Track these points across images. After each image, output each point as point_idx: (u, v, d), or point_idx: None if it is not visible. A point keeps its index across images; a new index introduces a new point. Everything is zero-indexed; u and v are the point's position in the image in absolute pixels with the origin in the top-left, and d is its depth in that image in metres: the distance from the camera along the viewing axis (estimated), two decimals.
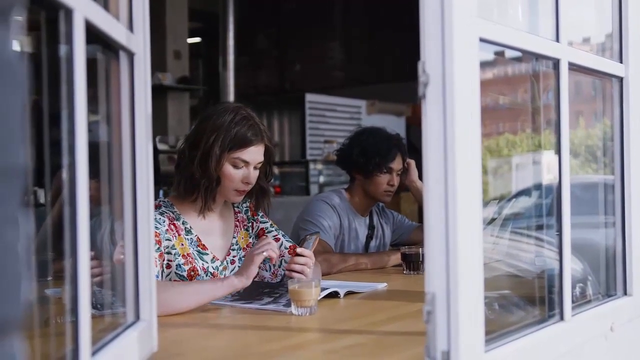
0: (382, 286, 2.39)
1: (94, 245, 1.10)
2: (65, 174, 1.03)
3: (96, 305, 1.37)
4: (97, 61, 1.31)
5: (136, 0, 1.38)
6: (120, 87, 1.37)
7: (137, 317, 1.39)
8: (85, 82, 1.05)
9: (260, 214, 2.49)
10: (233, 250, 2.37)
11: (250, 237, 2.43)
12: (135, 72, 1.38)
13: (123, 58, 1.36)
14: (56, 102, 1.05)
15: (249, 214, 2.46)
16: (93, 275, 1.50)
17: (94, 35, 1.13)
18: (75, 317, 1.03)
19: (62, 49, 1.03)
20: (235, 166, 2.23)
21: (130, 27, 1.37)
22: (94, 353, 1.10)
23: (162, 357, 1.46)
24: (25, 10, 0.66)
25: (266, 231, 2.46)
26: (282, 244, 2.40)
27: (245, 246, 2.40)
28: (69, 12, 1.01)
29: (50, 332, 1.29)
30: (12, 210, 0.60)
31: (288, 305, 1.92)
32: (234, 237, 2.39)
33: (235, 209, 2.45)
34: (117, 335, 1.27)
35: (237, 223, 2.42)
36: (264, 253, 2.05)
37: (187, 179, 2.23)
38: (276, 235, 2.44)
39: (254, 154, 2.25)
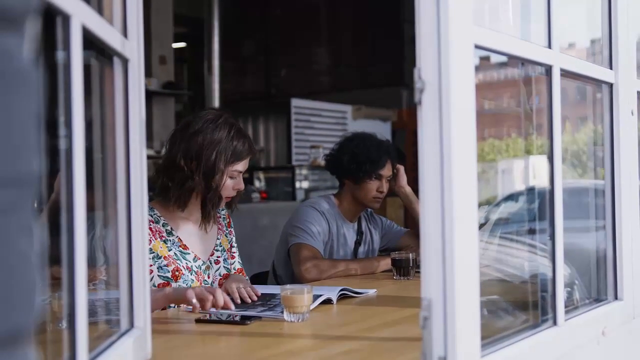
0: (372, 292, 2.39)
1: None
2: (62, 180, 1.02)
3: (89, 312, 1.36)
4: (90, 67, 1.31)
5: (130, 6, 1.38)
6: (114, 93, 1.36)
7: (132, 324, 1.38)
8: (83, 88, 1.04)
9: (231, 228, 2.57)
10: (217, 250, 2.44)
11: (228, 243, 2.51)
12: (130, 78, 1.37)
13: (117, 64, 1.35)
14: (52, 107, 1.04)
15: (226, 222, 2.54)
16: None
17: (88, 41, 1.12)
18: (72, 324, 1.02)
19: (59, 55, 1.02)
20: (231, 177, 2.32)
21: (125, 33, 1.36)
22: None
23: None
24: (39, 17, 0.66)
25: (232, 245, 2.55)
26: (218, 269, 2.46)
27: (226, 249, 2.49)
28: (66, 18, 1.00)
29: (44, 339, 1.28)
30: (26, 218, 0.59)
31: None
32: (218, 239, 2.46)
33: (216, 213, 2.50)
34: (112, 342, 1.26)
35: (220, 226, 2.50)
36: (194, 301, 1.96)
37: (187, 192, 2.28)
38: (234, 253, 2.54)
39: (247, 163, 2.37)
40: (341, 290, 2.23)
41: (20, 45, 0.60)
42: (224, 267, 2.44)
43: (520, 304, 1.77)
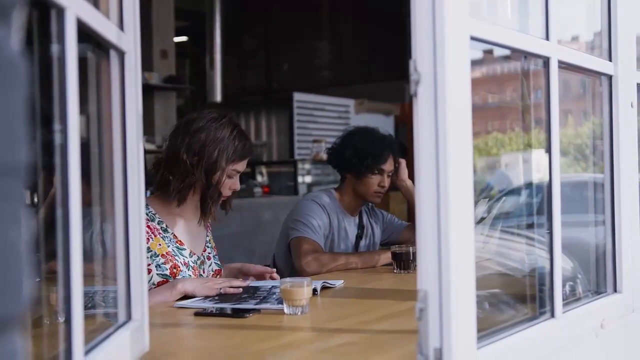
0: (339, 283, 2.40)
1: (83, 245, 1.10)
2: (56, 175, 1.03)
3: (86, 305, 1.36)
4: (87, 60, 1.31)
5: None
6: (111, 87, 1.36)
7: (129, 316, 1.38)
8: (77, 81, 1.04)
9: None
10: (208, 247, 2.48)
11: (213, 241, 2.56)
12: (126, 71, 1.37)
13: (114, 57, 1.35)
14: (47, 101, 1.04)
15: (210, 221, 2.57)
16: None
17: (84, 34, 1.12)
18: (68, 317, 1.02)
19: (54, 48, 1.02)
20: (230, 176, 2.35)
21: (121, 25, 1.36)
22: (86, 352, 1.09)
23: (153, 357, 1.45)
24: (26, 9, 0.66)
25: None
26: (210, 264, 2.48)
27: (213, 246, 2.53)
28: (60, 11, 1.00)
29: (40, 332, 1.28)
30: (15, 207, 0.60)
31: (281, 302, 1.92)
32: (207, 236, 2.50)
33: None
34: (109, 335, 1.27)
35: (208, 224, 2.53)
36: (221, 290, 2.16)
37: (187, 187, 2.31)
38: (215, 253, 2.55)
39: (245, 164, 2.40)
40: (322, 286, 2.25)
41: (8, 37, 0.60)
42: (214, 263, 2.49)
43: (519, 297, 1.77)
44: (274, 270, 2.49)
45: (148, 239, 2.24)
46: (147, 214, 2.30)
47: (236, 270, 2.51)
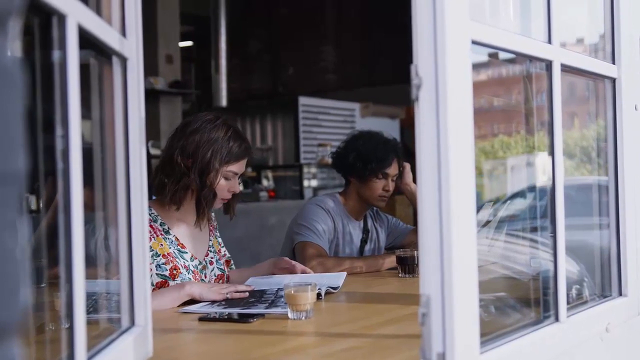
0: (342, 276, 2.44)
1: (87, 251, 1.10)
2: (59, 180, 1.03)
3: (89, 310, 1.36)
4: (89, 66, 1.31)
5: (129, 5, 1.38)
6: (114, 93, 1.36)
7: (132, 322, 1.38)
8: (79, 88, 1.04)
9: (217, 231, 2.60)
10: (211, 251, 2.48)
11: (219, 245, 2.56)
12: (129, 77, 1.38)
13: (116, 63, 1.35)
14: (49, 107, 1.04)
15: (215, 224, 2.58)
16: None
17: (86, 40, 1.13)
18: (70, 322, 1.02)
19: (55, 54, 1.03)
20: (226, 178, 2.35)
21: (123, 32, 1.37)
22: (89, 358, 1.10)
23: None
24: (23, 17, 0.66)
25: (221, 245, 2.59)
26: (213, 269, 2.48)
27: (217, 250, 2.52)
28: (62, 18, 1.00)
29: (44, 338, 1.29)
30: (11, 215, 0.60)
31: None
32: (210, 240, 2.50)
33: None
34: (113, 340, 1.27)
35: (211, 228, 2.54)
36: (227, 295, 2.16)
37: (182, 189, 2.31)
38: (218, 257, 2.53)
39: (243, 166, 2.39)
40: (326, 291, 2.25)
41: (4, 44, 0.60)
42: (217, 267, 2.49)
43: (524, 301, 1.76)
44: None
45: (150, 238, 2.24)
46: (150, 215, 2.30)
47: (272, 266, 2.56)
